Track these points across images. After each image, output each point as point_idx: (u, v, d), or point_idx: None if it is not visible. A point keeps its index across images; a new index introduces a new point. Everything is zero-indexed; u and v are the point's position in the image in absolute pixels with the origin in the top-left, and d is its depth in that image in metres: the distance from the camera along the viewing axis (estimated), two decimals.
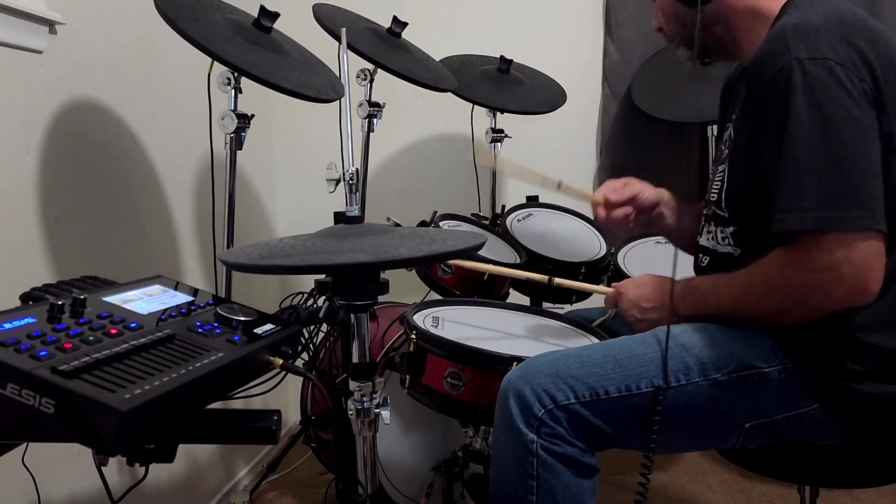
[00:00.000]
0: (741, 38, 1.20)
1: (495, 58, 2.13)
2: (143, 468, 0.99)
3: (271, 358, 1.02)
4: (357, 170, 1.17)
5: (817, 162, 0.99)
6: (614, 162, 2.40)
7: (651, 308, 1.22)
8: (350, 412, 1.11)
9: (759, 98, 1.06)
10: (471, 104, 2.10)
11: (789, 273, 1.04)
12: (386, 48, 1.79)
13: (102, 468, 0.99)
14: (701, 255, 1.27)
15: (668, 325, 1.11)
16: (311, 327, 1.31)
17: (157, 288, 1.09)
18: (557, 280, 1.44)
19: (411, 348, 1.30)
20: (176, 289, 1.12)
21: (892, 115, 1.02)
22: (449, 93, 1.92)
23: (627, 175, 1.43)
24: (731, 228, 1.18)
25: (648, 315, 1.22)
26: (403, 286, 1.74)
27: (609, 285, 1.81)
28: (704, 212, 1.27)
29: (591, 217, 2.21)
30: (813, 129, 0.99)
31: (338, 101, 1.50)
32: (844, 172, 0.99)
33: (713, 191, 1.23)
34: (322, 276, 1.09)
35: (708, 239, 1.24)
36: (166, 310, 1.01)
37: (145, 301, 1.03)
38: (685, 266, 1.26)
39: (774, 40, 1.04)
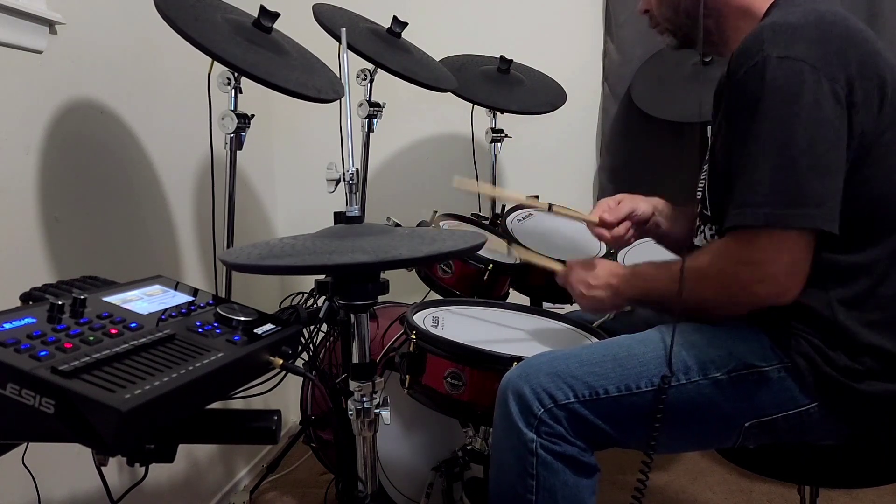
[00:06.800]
0: (729, 35, 1.20)
1: (495, 58, 2.13)
2: (143, 468, 1.00)
3: (271, 358, 1.02)
4: (357, 170, 1.17)
5: (775, 159, 1.00)
6: (614, 162, 2.39)
7: (596, 286, 1.24)
8: (350, 412, 1.11)
9: (734, 94, 1.07)
10: (471, 104, 2.10)
11: (721, 264, 1.07)
12: (386, 48, 1.79)
13: (102, 468, 0.99)
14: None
15: (674, 324, 1.10)
16: (311, 327, 1.31)
17: (157, 288, 1.09)
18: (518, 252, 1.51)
19: (411, 348, 1.30)
20: (176, 289, 1.11)
21: (865, 114, 1.02)
22: (449, 93, 1.92)
23: (626, 175, 1.43)
24: (716, 227, 1.18)
25: (593, 292, 1.24)
26: (403, 286, 1.74)
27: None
28: (696, 212, 1.28)
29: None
30: (776, 126, 1.00)
31: (338, 101, 1.50)
32: (799, 171, 0.99)
33: (699, 190, 1.24)
34: (322, 276, 1.09)
35: (700, 239, 1.24)
36: (166, 310, 1.01)
37: (145, 301, 1.03)
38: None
39: (752, 38, 1.05)
